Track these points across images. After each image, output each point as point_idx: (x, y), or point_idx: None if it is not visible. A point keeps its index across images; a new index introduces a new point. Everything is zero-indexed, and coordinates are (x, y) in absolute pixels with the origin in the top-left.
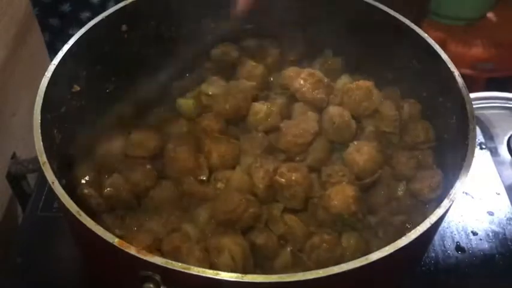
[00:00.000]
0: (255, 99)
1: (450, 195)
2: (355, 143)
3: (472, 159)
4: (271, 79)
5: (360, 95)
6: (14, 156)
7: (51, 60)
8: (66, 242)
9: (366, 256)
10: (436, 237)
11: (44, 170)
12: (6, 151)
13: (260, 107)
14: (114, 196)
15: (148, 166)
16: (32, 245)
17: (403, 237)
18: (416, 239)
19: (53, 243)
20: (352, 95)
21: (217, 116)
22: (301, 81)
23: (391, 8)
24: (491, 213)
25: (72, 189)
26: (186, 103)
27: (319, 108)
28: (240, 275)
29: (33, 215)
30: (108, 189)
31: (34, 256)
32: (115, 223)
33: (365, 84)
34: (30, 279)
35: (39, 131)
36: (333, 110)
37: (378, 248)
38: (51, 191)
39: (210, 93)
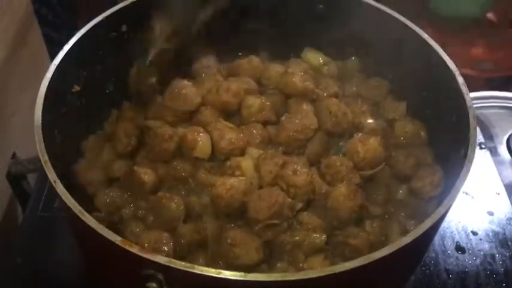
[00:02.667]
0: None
1: (451, 194)
2: (360, 134)
3: (472, 159)
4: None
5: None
6: (14, 156)
7: (51, 60)
8: (66, 242)
9: (368, 255)
10: (436, 237)
11: (46, 169)
12: (6, 151)
13: (254, 100)
14: None
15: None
16: (32, 245)
17: (405, 236)
18: (417, 238)
19: (52, 243)
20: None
21: (211, 109)
22: (289, 75)
23: (391, 8)
24: (491, 213)
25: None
26: None
27: (311, 101)
28: (243, 273)
29: (33, 215)
30: None
31: (34, 256)
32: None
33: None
34: (30, 279)
35: (41, 130)
36: (329, 101)
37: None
38: (51, 191)
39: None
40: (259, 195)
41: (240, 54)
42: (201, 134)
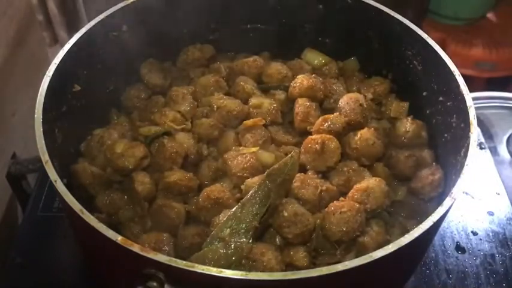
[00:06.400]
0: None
1: (452, 193)
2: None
3: (472, 159)
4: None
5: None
6: (14, 156)
7: (52, 60)
8: (66, 241)
9: (370, 254)
10: (436, 237)
11: (47, 169)
12: (6, 151)
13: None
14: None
15: None
16: (32, 245)
17: (406, 235)
18: (417, 238)
19: (52, 243)
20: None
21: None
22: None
23: (392, 9)
24: (491, 213)
25: (72, 189)
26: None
27: (318, 100)
28: (244, 272)
29: (33, 215)
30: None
31: (34, 256)
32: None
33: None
34: (30, 279)
35: (41, 130)
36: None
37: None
38: (51, 191)
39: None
40: None
41: (241, 54)
42: None
